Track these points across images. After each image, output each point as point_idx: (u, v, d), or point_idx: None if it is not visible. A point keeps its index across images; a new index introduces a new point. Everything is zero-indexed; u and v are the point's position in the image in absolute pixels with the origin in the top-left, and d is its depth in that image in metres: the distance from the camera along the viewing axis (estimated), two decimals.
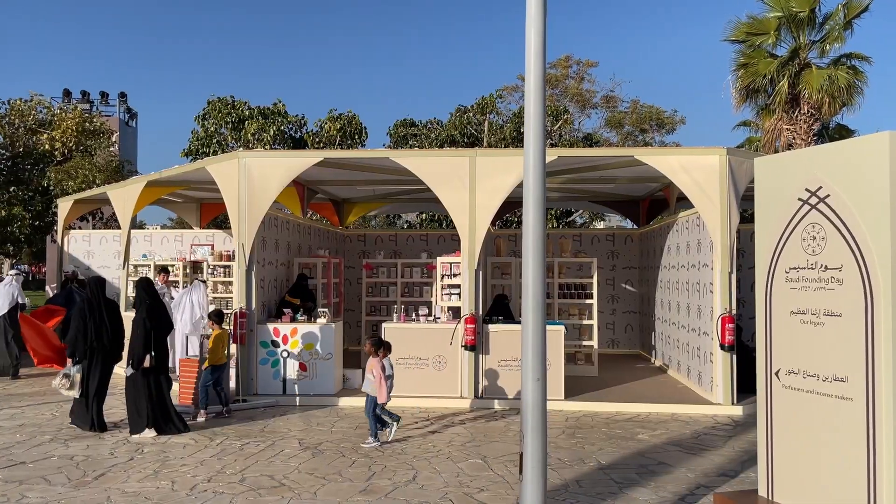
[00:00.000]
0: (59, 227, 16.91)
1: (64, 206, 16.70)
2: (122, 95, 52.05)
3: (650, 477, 6.54)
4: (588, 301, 12.44)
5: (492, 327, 10.11)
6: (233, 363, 10.28)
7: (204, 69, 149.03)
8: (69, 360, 8.30)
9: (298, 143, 22.72)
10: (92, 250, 16.69)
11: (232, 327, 10.21)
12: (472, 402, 9.82)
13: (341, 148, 22.19)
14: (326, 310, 10.83)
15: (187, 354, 10.79)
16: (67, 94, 47.74)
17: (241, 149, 20.87)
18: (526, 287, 4.79)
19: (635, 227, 16.58)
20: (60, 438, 7.86)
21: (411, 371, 10.07)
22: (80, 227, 19.75)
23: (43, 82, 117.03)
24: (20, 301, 12.80)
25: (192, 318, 11.82)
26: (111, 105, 50.61)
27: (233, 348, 9.93)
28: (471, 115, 24.36)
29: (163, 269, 12.70)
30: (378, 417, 7.80)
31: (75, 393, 8.10)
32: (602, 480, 6.44)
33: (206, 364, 9.03)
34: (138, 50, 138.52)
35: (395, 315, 10.70)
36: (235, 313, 10.14)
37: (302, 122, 23.04)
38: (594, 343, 12.39)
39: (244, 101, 22.36)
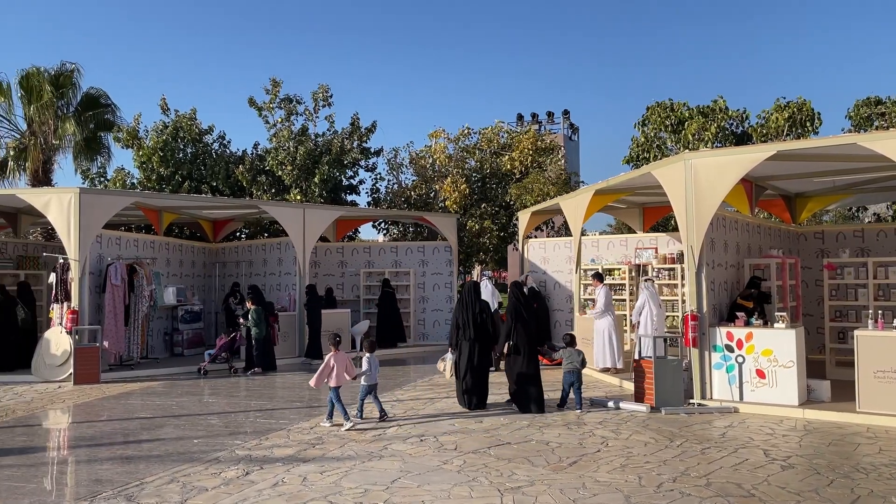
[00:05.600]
0: (520, 236, 19.02)
1: (523, 217, 18.75)
2: (566, 113, 56.39)
3: None
4: None
5: None
6: (684, 365, 10.29)
7: (639, 79, 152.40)
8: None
9: (741, 139, 21.63)
10: (547, 256, 18.35)
11: (683, 329, 10.23)
12: None
13: (790, 138, 20.43)
14: (785, 313, 10.08)
15: (641, 355, 11.08)
16: (520, 117, 53.69)
17: (681, 150, 20.75)
18: None
19: None
20: (536, 424, 8.84)
21: (894, 386, 8.73)
22: (535, 236, 21.91)
23: (502, 109, 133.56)
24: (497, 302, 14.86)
25: (649, 321, 12.19)
26: (556, 123, 55.26)
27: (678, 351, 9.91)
28: None
29: (596, 275, 13.31)
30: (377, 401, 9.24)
31: (448, 375, 10.06)
32: None
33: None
34: (578, 71, 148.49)
35: (868, 321, 9.42)
36: (686, 316, 10.11)
37: (744, 116, 21.88)
38: None
39: (683, 103, 22.21)
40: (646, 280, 13.23)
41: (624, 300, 15.15)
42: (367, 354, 9.43)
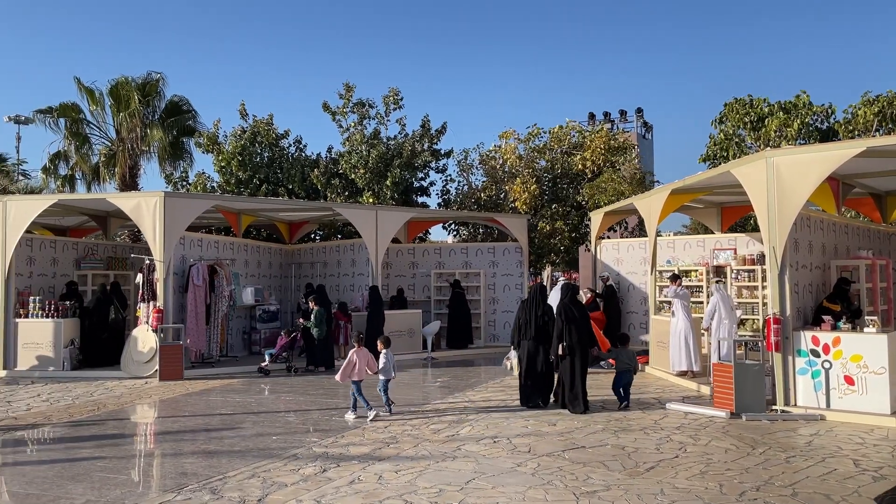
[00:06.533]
0: (593, 237, 18.76)
1: (596, 218, 18.47)
2: (639, 111, 55.31)
3: None
4: None
5: None
6: (767, 370, 9.93)
7: (715, 75, 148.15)
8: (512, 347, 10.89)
9: (826, 136, 20.70)
10: (620, 257, 18.05)
11: (765, 333, 9.88)
12: None
13: (879, 134, 19.44)
14: (875, 317, 9.61)
15: (720, 358, 10.76)
16: (592, 116, 52.95)
17: (761, 148, 20.04)
18: None
19: None
20: (611, 429, 8.70)
21: None
22: (608, 237, 21.57)
23: (573, 108, 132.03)
24: None
25: (721, 324, 11.81)
26: (629, 121, 54.24)
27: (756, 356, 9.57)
28: None
29: (673, 277, 12.98)
30: (386, 395, 9.76)
31: (515, 371, 10.10)
32: None
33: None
34: (651, 68, 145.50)
35: None
36: (768, 319, 9.76)
37: (829, 111, 20.93)
38: None
39: (763, 99, 21.41)
40: (716, 282, 12.83)
41: (701, 302, 14.75)
42: (385, 350, 9.82)
